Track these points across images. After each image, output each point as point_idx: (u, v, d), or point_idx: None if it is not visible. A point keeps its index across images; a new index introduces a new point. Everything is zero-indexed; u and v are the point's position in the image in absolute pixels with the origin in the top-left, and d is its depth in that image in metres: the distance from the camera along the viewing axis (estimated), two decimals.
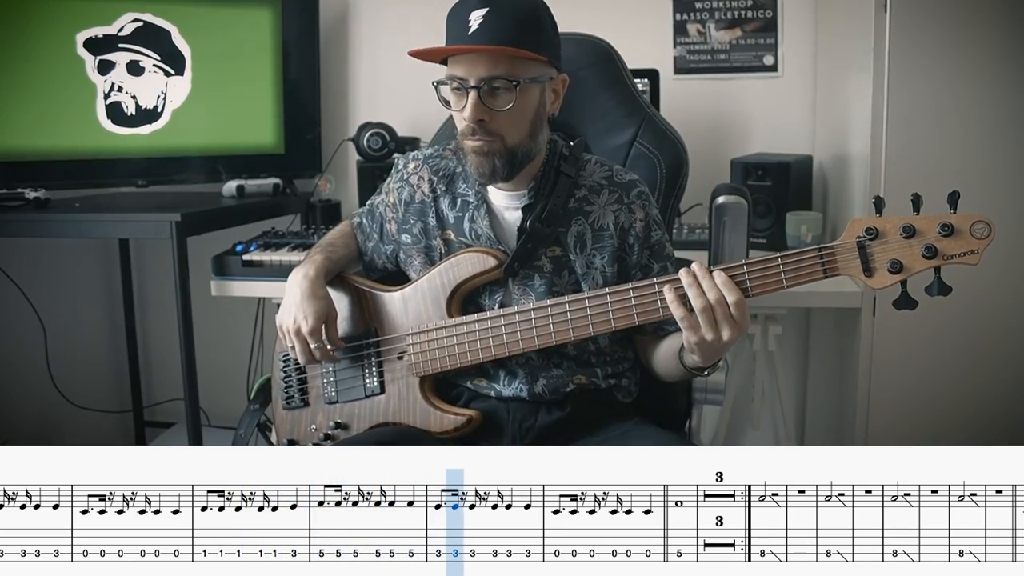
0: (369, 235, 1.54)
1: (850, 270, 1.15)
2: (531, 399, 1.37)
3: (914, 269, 1.12)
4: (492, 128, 1.28)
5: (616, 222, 1.38)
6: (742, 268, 1.18)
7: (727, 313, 1.17)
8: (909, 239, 1.12)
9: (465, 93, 1.27)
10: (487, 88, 1.26)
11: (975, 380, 1.96)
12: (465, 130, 1.30)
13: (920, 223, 1.11)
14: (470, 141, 1.30)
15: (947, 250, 1.10)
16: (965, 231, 1.10)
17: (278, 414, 1.53)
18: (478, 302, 1.39)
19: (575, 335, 1.28)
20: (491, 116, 1.27)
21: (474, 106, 1.26)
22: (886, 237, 1.13)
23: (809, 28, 2.39)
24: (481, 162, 1.30)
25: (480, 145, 1.29)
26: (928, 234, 1.11)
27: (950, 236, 1.10)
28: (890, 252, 1.13)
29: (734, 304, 1.16)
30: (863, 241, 1.14)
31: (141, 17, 2.28)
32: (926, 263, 1.11)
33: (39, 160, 2.24)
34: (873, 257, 1.14)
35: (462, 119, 1.29)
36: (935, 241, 1.11)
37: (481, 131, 1.28)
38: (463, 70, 1.26)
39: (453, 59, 1.28)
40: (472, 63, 1.25)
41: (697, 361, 1.25)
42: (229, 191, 2.33)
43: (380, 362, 1.43)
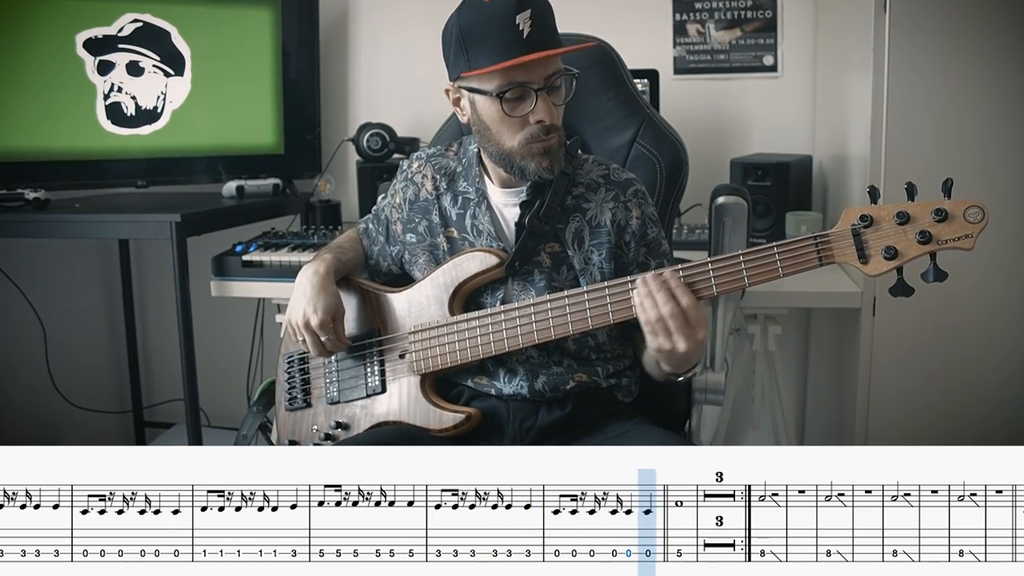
0: (375, 239, 1.55)
1: (845, 257, 1.15)
2: (531, 397, 1.37)
3: (909, 255, 1.12)
4: (557, 124, 1.30)
5: (613, 219, 1.38)
6: (706, 267, 1.20)
7: (681, 324, 1.17)
8: (903, 225, 1.12)
9: (528, 97, 1.26)
10: (549, 87, 1.27)
11: (975, 380, 1.96)
12: (537, 132, 1.28)
13: (914, 209, 1.12)
14: (541, 143, 1.28)
15: (941, 235, 1.11)
16: (959, 216, 1.10)
17: (280, 415, 1.53)
18: (479, 300, 1.40)
19: (574, 329, 1.28)
20: (557, 112, 1.29)
21: (550, 106, 1.26)
22: (880, 224, 1.13)
23: (809, 28, 2.39)
24: (552, 161, 1.30)
25: (552, 144, 1.29)
26: (922, 220, 1.11)
27: (944, 221, 1.10)
28: (885, 239, 1.13)
29: (688, 307, 1.18)
30: (858, 228, 1.14)
31: (141, 18, 2.28)
32: (921, 248, 1.12)
33: (39, 160, 2.24)
34: (868, 244, 1.14)
35: (527, 124, 1.27)
36: (929, 227, 1.11)
37: (552, 130, 1.29)
38: (525, 75, 1.25)
39: (506, 67, 1.23)
40: (533, 66, 1.24)
41: (667, 369, 1.28)
42: (229, 191, 2.34)
43: (382, 361, 1.43)
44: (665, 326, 1.18)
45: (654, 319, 1.18)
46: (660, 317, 1.18)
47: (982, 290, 1.90)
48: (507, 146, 1.31)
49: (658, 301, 1.18)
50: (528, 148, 1.29)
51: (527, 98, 1.26)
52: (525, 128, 1.28)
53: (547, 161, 1.30)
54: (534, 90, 1.25)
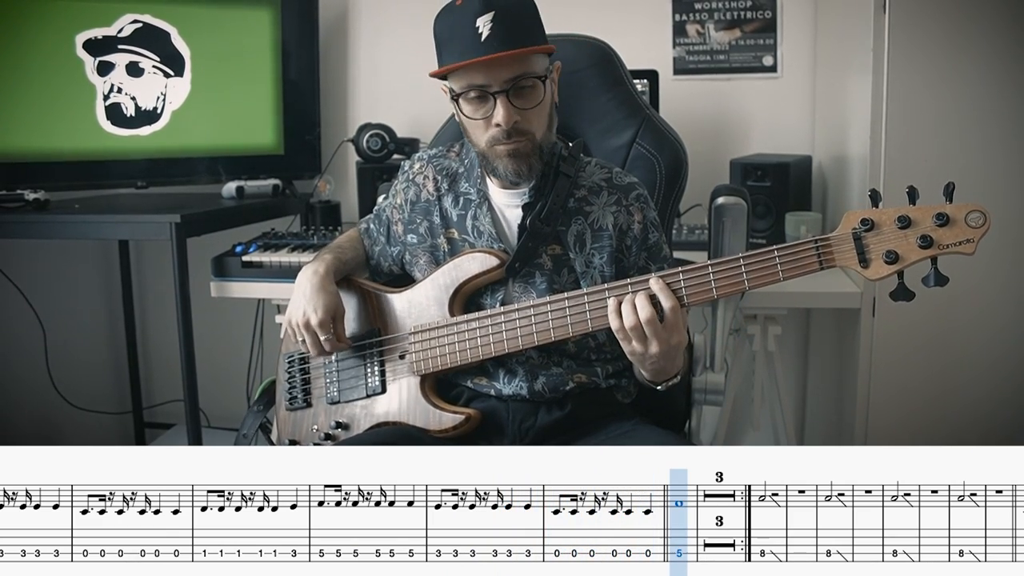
0: (376, 239, 1.55)
1: (846, 261, 1.15)
2: (531, 397, 1.37)
3: (910, 259, 1.12)
4: (523, 127, 1.30)
5: (615, 223, 1.39)
6: (677, 276, 1.21)
7: (656, 330, 1.19)
8: (904, 229, 1.12)
9: (488, 99, 1.27)
10: (513, 90, 1.27)
11: (975, 380, 1.96)
12: (497, 135, 1.29)
13: (915, 213, 1.11)
14: (504, 146, 1.30)
15: (943, 239, 1.10)
16: (960, 220, 1.09)
17: (280, 415, 1.53)
18: (479, 301, 1.40)
19: (574, 331, 1.28)
20: (522, 116, 1.29)
21: (507, 110, 1.27)
22: (881, 228, 1.13)
23: (808, 28, 2.39)
24: (519, 164, 1.31)
25: (517, 148, 1.30)
26: (923, 224, 1.11)
27: (945, 225, 1.10)
28: (886, 243, 1.13)
29: (669, 310, 1.19)
30: (858, 232, 1.14)
31: (140, 18, 2.28)
32: (922, 253, 1.11)
33: (39, 161, 2.24)
34: (869, 248, 1.14)
35: (490, 125, 1.29)
36: (930, 231, 1.10)
37: (515, 133, 1.29)
38: (483, 77, 1.26)
39: (465, 68, 1.26)
40: (492, 68, 1.25)
41: (646, 376, 1.30)
42: (229, 192, 2.34)
43: (382, 361, 1.43)
44: (640, 333, 1.20)
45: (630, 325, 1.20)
46: (636, 324, 1.19)
47: (982, 290, 1.90)
48: (478, 147, 1.34)
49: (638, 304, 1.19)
50: (493, 150, 1.31)
51: (487, 101, 1.28)
52: (488, 130, 1.30)
53: (514, 164, 1.31)
54: (491, 93, 1.26)
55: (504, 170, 1.32)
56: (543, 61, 1.31)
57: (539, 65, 1.30)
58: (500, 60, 1.25)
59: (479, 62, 1.24)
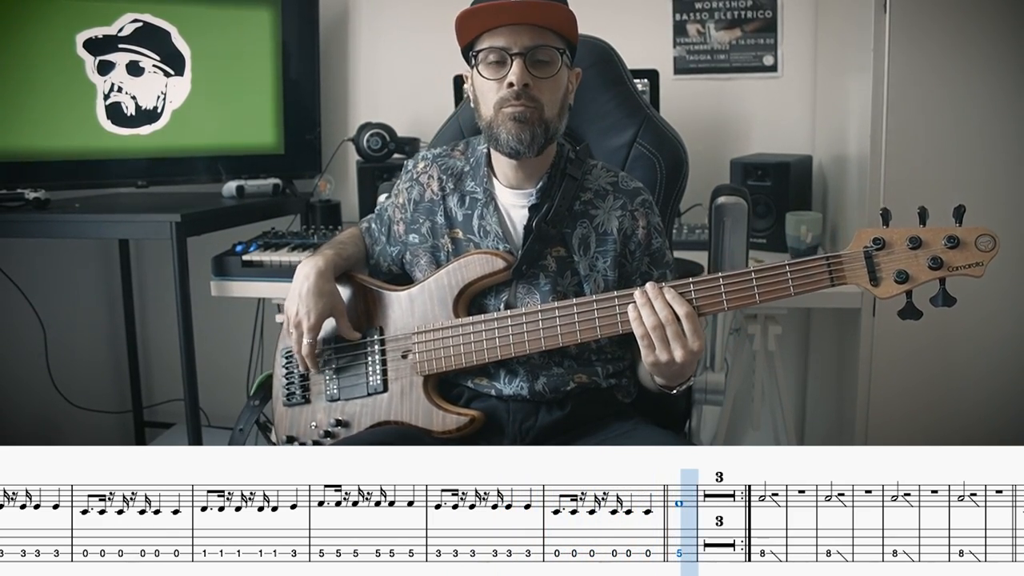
0: (377, 239, 1.55)
1: (857, 279, 1.16)
2: (531, 398, 1.37)
3: (920, 280, 1.13)
4: (534, 94, 1.31)
5: (620, 227, 1.39)
6: (688, 286, 1.21)
7: (678, 331, 1.19)
8: (915, 250, 1.13)
9: (506, 63, 1.30)
10: (531, 57, 1.29)
11: (975, 380, 1.96)
12: (508, 95, 1.30)
13: (926, 235, 1.13)
14: (511, 107, 1.31)
15: (953, 262, 1.12)
16: (971, 243, 1.11)
17: (278, 411, 1.53)
18: (482, 302, 1.39)
19: (582, 337, 1.29)
20: (535, 83, 1.30)
21: (522, 70, 1.29)
22: (892, 248, 1.14)
23: (809, 28, 2.39)
24: (521, 129, 1.31)
25: (522, 111, 1.30)
26: (934, 246, 1.12)
27: (956, 248, 1.11)
28: (896, 263, 1.14)
29: (685, 316, 1.19)
30: (870, 251, 1.15)
31: (141, 18, 2.28)
32: (932, 274, 1.13)
33: (39, 160, 2.24)
34: (880, 267, 1.15)
35: (503, 87, 1.30)
36: (941, 253, 1.12)
37: (525, 96, 1.30)
38: (505, 39, 1.29)
39: (491, 32, 1.30)
40: (515, 32, 1.29)
41: (661, 382, 1.30)
42: (229, 191, 2.34)
43: (384, 360, 1.43)
44: (662, 334, 1.20)
45: (651, 325, 1.20)
46: (657, 325, 1.19)
47: (982, 291, 1.89)
48: (486, 116, 1.34)
49: (657, 307, 1.20)
50: (501, 113, 1.32)
51: (504, 65, 1.30)
52: (500, 91, 1.31)
53: (517, 128, 1.31)
54: (510, 54, 1.29)
55: (507, 135, 1.32)
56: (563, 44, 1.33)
57: (561, 43, 1.33)
58: (522, 26, 1.28)
59: (508, 4, 1.27)
